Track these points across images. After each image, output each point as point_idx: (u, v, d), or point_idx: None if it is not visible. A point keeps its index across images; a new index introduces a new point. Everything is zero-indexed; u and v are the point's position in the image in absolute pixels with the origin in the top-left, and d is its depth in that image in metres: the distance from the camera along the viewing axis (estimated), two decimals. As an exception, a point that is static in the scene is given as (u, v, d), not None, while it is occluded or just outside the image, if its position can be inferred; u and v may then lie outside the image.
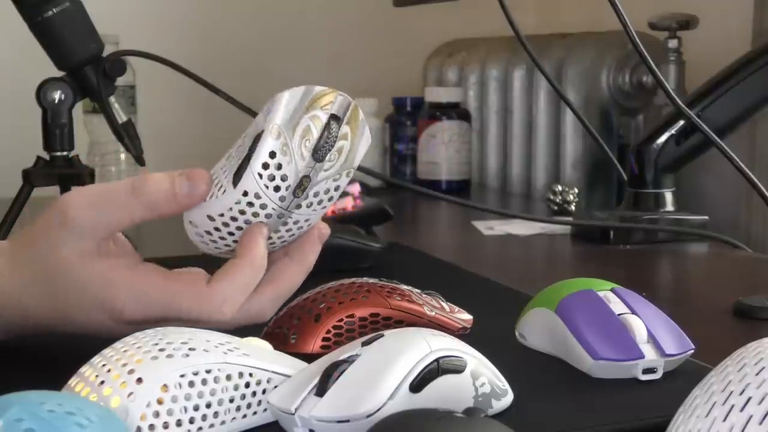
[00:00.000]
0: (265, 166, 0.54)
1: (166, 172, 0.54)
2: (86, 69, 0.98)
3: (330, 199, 0.57)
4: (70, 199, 0.54)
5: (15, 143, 1.21)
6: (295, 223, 0.57)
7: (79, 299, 0.54)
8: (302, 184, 0.54)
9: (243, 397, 0.47)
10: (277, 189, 0.54)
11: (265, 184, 0.54)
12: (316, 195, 0.56)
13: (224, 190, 0.54)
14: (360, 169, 1.04)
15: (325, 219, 0.94)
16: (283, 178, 0.54)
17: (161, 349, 0.46)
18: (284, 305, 0.62)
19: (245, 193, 0.54)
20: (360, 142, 0.56)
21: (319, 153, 0.55)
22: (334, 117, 0.55)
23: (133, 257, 0.56)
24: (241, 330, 0.52)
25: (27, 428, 0.35)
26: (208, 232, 0.56)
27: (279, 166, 0.54)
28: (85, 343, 0.50)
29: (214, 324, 0.53)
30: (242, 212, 0.55)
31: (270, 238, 0.57)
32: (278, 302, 0.58)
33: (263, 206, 0.55)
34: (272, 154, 0.54)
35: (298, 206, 0.55)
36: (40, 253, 0.54)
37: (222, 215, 0.55)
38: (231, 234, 0.56)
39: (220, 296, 0.54)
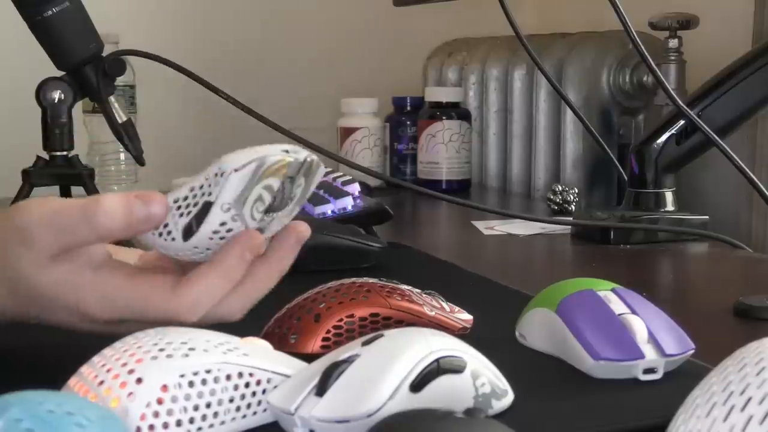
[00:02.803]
0: (215, 232, 0.53)
1: (122, 194, 0.53)
2: (86, 68, 0.98)
3: (288, 216, 0.56)
4: (27, 216, 0.52)
5: (15, 143, 1.21)
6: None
7: (47, 306, 0.54)
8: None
9: (243, 397, 0.47)
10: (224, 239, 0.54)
11: (216, 242, 0.53)
12: (271, 231, 0.55)
13: (173, 239, 0.53)
14: (360, 169, 1.05)
15: (325, 219, 0.95)
16: (231, 231, 0.53)
17: (161, 349, 0.45)
18: (284, 305, 0.62)
19: (195, 247, 0.53)
20: (314, 180, 0.55)
21: (272, 211, 0.54)
22: (288, 178, 0.53)
23: (98, 256, 0.54)
24: (241, 330, 0.52)
25: (26, 428, 0.35)
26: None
27: (229, 231, 0.53)
28: (85, 343, 0.50)
29: (180, 324, 0.52)
30: (193, 255, 0.54)
31: None
32: (249, 304, 0.56)
33: (213, 251, 0.54)
34: (222, 224, 0.53)
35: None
36: (4, 262, 0.53)
37: (174, 253, 0.54)
38: (190, 258, 0.55)
39: (187, 301, 0.53)
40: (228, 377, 0.46)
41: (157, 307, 0.53)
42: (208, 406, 0.45)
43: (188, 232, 0.53)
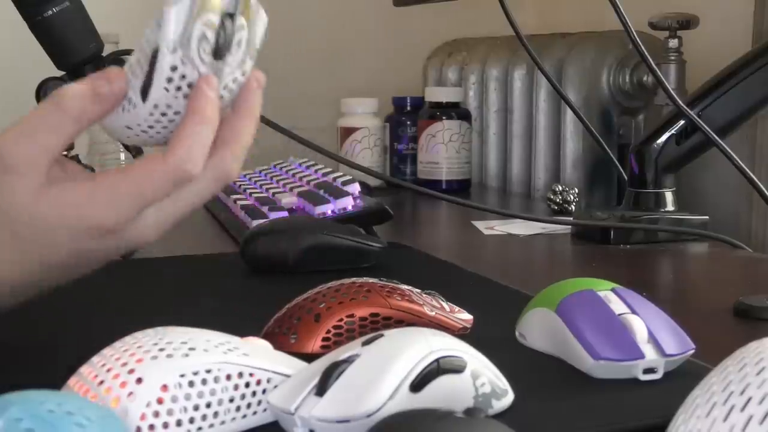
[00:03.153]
0: (169, 79, 0.53)
1: (81, 81, 0.53)
2: (86, 68, 0.98)
3: (243, 73, 0.56)
4: (3, 141, 0.52)
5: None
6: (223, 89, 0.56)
7: (51, 240, 0.52)
8: None
9: (243, 397, 0.47)
10: (186, 96, 0.54)
11: (174, 95, 0.54)
12: (225, 87, 0.55)
13: (134, 105, 0.54)
14: (360, 169, 1.05)
15: (325, 219, 0.95)
16: (189, 85, 0.54)
17: (161, 349, 0.45)
18: (284, 305, 0.62)
19: (156, 106, 0.54)
20: (257, 25, 0.57)
21: (219, 53, 0.54)
22: (227, 15, 0.54)
23: (84, 172, 0.55)
24: (241, 330, 0.52)
25: (26, 428, 0.35)
26: (130, 137, 0.56)
27: (183, 77, 0.53)
28: (85, 343, 0.50)
29: (187, 183, 0.53)
30: (158, 121, 0.55)
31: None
32: (241, 158, 0.56)
33: (176, 112, 0.54)
34: (173, 68, 0.53)
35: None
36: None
37: (139, 125, 0.55)
38: (158, 132, 0.55)
39: (182, 153, 0.52)
40: (228, 377, 0.46)
41: (159, 171, 0.52)
42: (209, 405, 0.45)
43: (145, 91, 0.54)
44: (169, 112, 0.54)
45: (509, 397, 0.50)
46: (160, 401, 0.44)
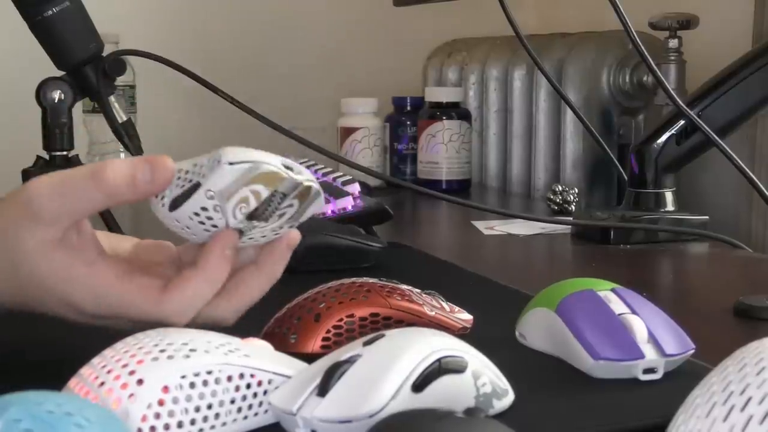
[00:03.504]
0: (197, 214, 0.54)
1: (129, 158, 0.54)
2: (86, 68, 0.98)
3: (276, 234, 0.56)
4: (35, 188, 0.53)
5: (14, 143, 1.21)
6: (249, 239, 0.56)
7: (39, 293, 0.54)
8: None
9: (244, 398, 0.47)
10: (207, 230, 0.54)
11: (197, 224, 0.54)
12: (252, 238, 0.56)
13: (164, 205, 0.54)
14: (360, 169, 1.05)
15: (325, 219, 0.95)
16: (214, 226, 0.54)
17: (162, 350, 0.45)
18: (284, 305, 0.62)
19: (178, 221, 0.54)
20: (308, 208, 0.56)
21: (254, 217, 0.54)
22: (279, 193, 0.54)
23: (93, 250, 0.55)
24: (241, 330, 0.52)
25: (26, 428, 0.35)
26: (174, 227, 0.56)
27: (209, 218, 0.54)
28: (85, 343, 0.50)
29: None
30: (180, 230, 0.55)
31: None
32: (241, 311, 0.57)
33: (196, 234, 0.55)
34: (203, 209, 0.53)
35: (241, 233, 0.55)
36: (5, 244, 0.53)
37: (164, 221, 0.55)
38: (181, 234, 0.56)
39: (172, 306, 0.53)
40: (229, 378, 0.46)
41: (146, 311, 0.54)
42: (209, 407, 0.45)
43: (174, 205, 0.54)
44: (190, 232, 0.55)
45: (510, 397, 0.50)
46: (161, 402, 0.44)
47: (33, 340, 0.59)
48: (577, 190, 1.25)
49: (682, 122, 1.01)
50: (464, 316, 0.63)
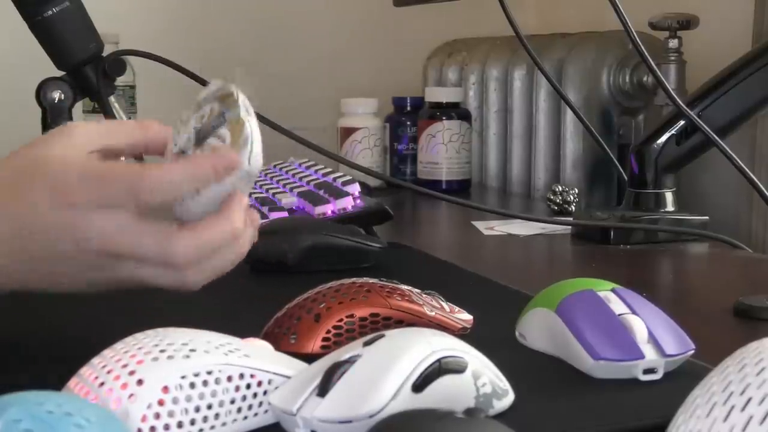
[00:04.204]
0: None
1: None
2: (86, 68, 0.98)
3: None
4: (79, 124, 0.57)
5: (14, 143, 1.20)
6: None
7: (45, 245, 0.54)
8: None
9: (244, 398, 0.47)
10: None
11: None
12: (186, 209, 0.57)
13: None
14: (360, 169, 1.05)
15: (325, 219, 0.95)
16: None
17: (162, 350, 0.45)
18: (284, 305, 0.62)
19: None
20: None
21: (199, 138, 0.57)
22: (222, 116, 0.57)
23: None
24: (241, 330, 0.52)
25: (25, 429, 0.35)
26: None
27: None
28: (85, 343, 0.50)
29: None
30: None
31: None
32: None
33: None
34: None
35: None
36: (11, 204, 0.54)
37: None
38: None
39: (156, 175, 0.54)
40: (229, 378, 0.46)
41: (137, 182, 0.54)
42: (209, 407, 0.45)
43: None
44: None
45: (510, 397, 0.50)
46: (160, 403, 0.44)
47: (33, 340, 0.59)
48: (577, 191, 1.25)
49: (682, 122, 1.01)
50: (464, 317, 0.63)
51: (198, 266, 0.55)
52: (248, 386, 0.47)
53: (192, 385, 0.45)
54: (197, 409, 0.45)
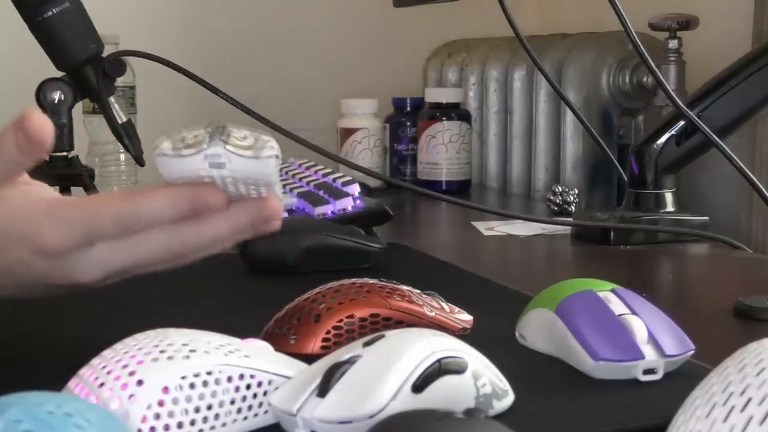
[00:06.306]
0: None
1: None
2: (86, 69, 0.98)
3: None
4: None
5: (15, 144, 1.20)
6: None
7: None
8: None
9: (244, 398, 0.47)
10: None
11: None
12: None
13: None
14: (360, 169, 1.05)
15: (325, 220, 0.94)
16: None
17: (162, 351, 0.45)
18: (284, 306, 0.62)
19: None
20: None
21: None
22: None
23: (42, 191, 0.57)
24: (241, 331, 0.52)
25: (25, 429, 0.35)
26: None
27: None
28: (85, 343, 0.50)
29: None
30: None
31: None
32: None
33: None
34: None
35: None
36: None
37: None
38: None
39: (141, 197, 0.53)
40: (229, 379, 0.46)
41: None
42: (209, 407, 0.45)
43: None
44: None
45: (510, 398, 0.50)
46: (160, 403, 0.44)
47: (33, 340, 0.59)
48: (577, 191, 1.25)
49: (682, 123, 1.01)
50: (464, 317, 0.63)
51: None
52: (248, 387, 0.47)
53: (192, 386, 0.45)
54: (197, 410, 0.45)
